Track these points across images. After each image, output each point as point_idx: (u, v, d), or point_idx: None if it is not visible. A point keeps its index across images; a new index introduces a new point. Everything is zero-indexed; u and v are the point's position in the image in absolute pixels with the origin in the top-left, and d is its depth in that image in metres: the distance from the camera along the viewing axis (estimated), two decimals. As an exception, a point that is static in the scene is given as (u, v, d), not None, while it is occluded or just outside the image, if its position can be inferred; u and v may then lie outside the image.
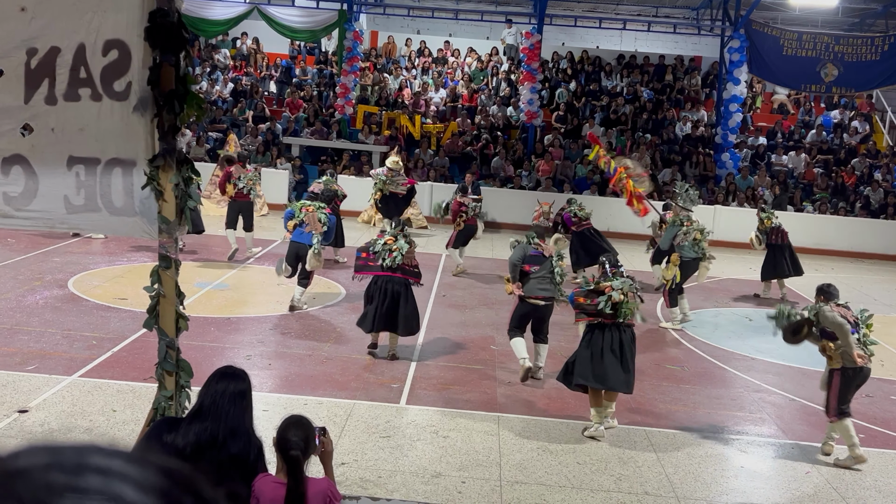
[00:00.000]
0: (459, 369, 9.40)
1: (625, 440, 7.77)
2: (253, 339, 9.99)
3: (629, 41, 27.00)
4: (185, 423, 3.94)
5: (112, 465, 0.69)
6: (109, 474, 0.68)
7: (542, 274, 9.06)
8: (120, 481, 0.67)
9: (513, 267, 9.16)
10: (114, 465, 0.69)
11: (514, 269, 9.15)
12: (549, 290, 9.06)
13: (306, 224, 11.03)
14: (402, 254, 9.26)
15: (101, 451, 0.71)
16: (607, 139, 22.93)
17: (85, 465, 0.68)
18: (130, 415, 7.31)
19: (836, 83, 22.34)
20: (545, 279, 9.06)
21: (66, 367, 8.40)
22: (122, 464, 0.69)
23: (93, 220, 4.71)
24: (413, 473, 6.69)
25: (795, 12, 24.95)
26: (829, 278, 16.96)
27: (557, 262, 9.17)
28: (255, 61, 25.71)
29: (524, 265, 9.09)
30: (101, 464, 0.69)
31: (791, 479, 7.27)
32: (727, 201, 20.89)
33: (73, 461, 0.68)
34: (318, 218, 11.05)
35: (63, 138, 4.52)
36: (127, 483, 0.67)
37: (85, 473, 0.67)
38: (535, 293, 9.02)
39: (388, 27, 26.84)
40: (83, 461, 0.69)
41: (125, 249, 14.10)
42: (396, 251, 9.26)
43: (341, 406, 7.99)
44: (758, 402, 9.18)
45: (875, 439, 8.36)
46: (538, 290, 9.03)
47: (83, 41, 4.38)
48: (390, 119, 23.08)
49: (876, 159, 23.28)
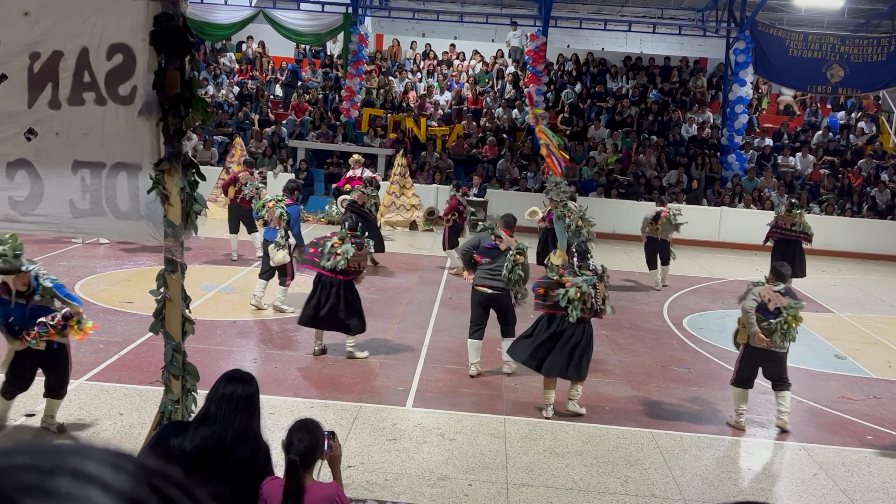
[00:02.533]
0: (465, 372, 9.38)
1: (632, 442, 7.75)
2: (259, 343, 10.00)
3: (634, 43, 26.98)
4: (192, 427, 3.94)
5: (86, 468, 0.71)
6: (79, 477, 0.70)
7: (491, 266, 9.16)
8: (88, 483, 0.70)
9: (461, 254, 9.54)
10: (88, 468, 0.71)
11: (462, 256, 9.50)
12: (497, 281, 9.11)
13: (270, 220, 11.07)
14: (346, 258, 9.15)
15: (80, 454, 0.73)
16: (613, 141, 22.92)
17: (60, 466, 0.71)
18: (137, 418, 7.32)
19: (842, 84, 22.27)
20: (494, 270, 9.13)
21: (73, 371, 8.37)
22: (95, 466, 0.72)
23: (98, 224, 4.72)
24: (419, 476, 6.68)
25: (801, 13, 24.90)
26: (836, 280, 16.94)
27: (513, 257, 9.11)
28: (260, 65, 25.76)
29: (476, 255, 9.25)
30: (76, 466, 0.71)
31: (798, 481, 7.24)
32: (733, 203, 20.85)
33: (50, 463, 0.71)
34: (277, 213, 10.99)
35: (68, 142, 4.53)
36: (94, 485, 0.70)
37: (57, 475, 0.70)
38: (482, 282, 9.18)
39: (393, 30, 26.88)
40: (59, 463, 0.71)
41: (131, 253, 14.13)
42: (341, 255, 9.17)
43: (347, 409, 7.98)
44: (764, 403, 9.14)
45: (883, 441, 8.32)
46: (484, 278, 9.17)
47: (87, 45, 4.38)
48: (396, 122, 23.09)
49: (883, 160, 23.20)
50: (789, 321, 8.03)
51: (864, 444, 8.21)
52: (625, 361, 10.31)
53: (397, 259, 15.41)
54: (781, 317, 8.02)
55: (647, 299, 13.86)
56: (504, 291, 9.14)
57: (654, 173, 21.82)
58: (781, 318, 8.02)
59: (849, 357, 11.21)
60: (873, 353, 11.64)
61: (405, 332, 10.76)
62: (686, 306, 13.41)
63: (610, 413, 8.51)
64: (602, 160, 22.13)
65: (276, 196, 11.34)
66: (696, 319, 12.47)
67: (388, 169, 20.81)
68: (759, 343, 8.04)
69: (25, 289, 6.84)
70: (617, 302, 13.24)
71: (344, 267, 9.14)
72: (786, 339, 8.10)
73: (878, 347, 11.99)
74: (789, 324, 8.02)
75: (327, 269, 9.20)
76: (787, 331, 8.05)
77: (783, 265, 8.63)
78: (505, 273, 9.05)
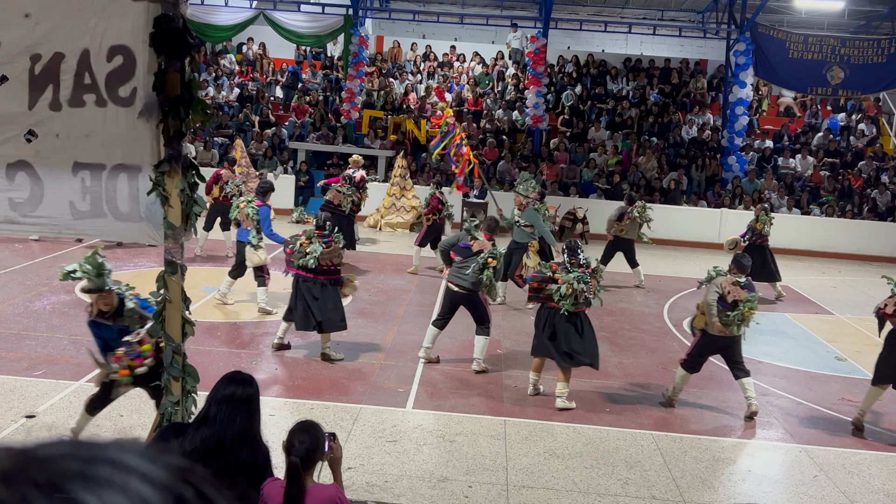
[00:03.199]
0: (465, 373, 9.38)
1: (632, 444, 7.75)
2: (259, 344, 10.00)
3: (635, 45, 26.98)
4: (192, 429, 3.94)
5: (123, 459, 0.75)
6: (119, 466, 0.73)
7: (462, 265, 9.42)
8: (127, 473, 0.73)
9: (439, 250, 10.29)
10: (125, 459, 0.75)
11: (440, 252, 10.25)
12: (464, 280, 9.37)
13: (242, 221, 11.12)
14: (315, 257, 9.23)
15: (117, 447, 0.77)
16: (613, 143, 22.92)
17: (98, 457, 0.74)
18: (137, 420, 7.32)
19: (842, 86, 22.27)
20: (463, 269, 9.38)
21: (74, 373, 8.42)
22: (133, 458, 0.75)
23: (98, 225, 4.72)
24: (419, 478, 6.68)
25: (801, 15, 24.91)
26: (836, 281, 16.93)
27: (484, 260, 9.30)
28: (261, 66, 25.76)
29: (451, 252, 9.62)
30: (114, 457, 0.75)
31: (799, 482, 7.24)
32: (734, 204, 20.84)
33: (89, 453, 0.75)
34: (247, 213, 11.00)
35: (68, 144, 4.53)
36: (133, 475, 0.73)
37: (97, 464, 0.73)
38: (452, 279, 9.52)
39: (394, 32, 26.89)
40: (97, 454, 0.75)
41: (132, 255, 14.13)
42: (310, 254, 9.25)
43: (348, 410, 7.99)
44: (765, 405, 9.14)
45: (884, 443, 8.32)
46: (454, 276, 9.50)
47: (87, 47, 4.38)
48: (396, 123, 23.10)
49: (883, 162, 23.19)
50: (745, 314, 8.38)
51: (864, 445, 8.21)
52: (625, 363, 10.31)
53: (397, 261, 15.41)
54: (738, 310, 8.34)
55: (648, 301, 13.86)
56: (471, 291, 9.40)
57: (655, 175, 21.82)
58: (738, 311, 8.33)
59: (849, 359, 11.21)
60: (873, 355, 11.55)
61: (405, 333, 10.76)
62: (687, 308, 13.38)
63: (610, 415, 8.51)
64: (602, 162, 22.13)
65: (247, 197, 11.43)
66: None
67: (388, 171, 20.82)
68: (717, 332, 8.40)
69: (108, 309, 6.51)
70: (617, 304, 13.28)
71: (314, 265, 9.23)
72: (741, 326, 8.47)
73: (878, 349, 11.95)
74: (745, 316, 8.39)
75: (298, 267, 9.34)
76: (743, 320, 8.41)
77: (745, 256, 8.86)
78: (469, 273, 9.30)
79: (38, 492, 0.70)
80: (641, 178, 21.61)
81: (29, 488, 0.70)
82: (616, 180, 21.20)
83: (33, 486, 0.70)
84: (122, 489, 0.71)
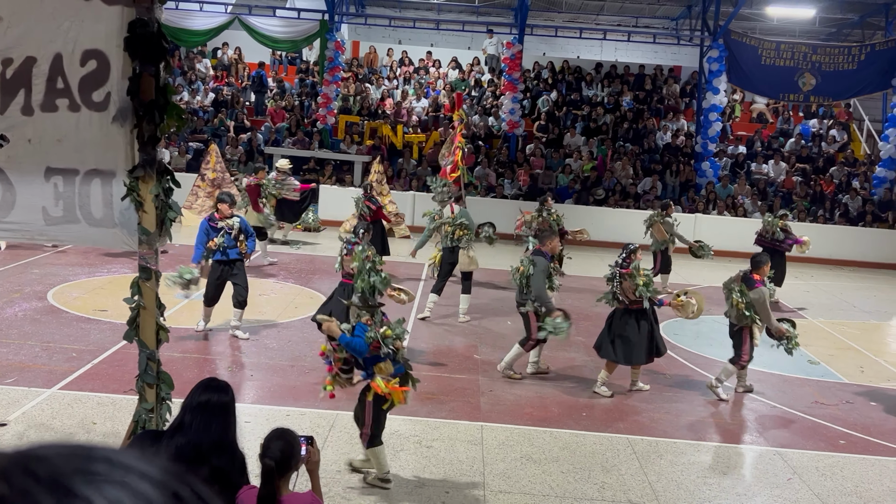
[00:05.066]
0: (442, 379, 9.38)
1: (608, 448, 7.78)
2: (235, 350, 9.94)
3: (609, 51, 27.15)
4: (167, 437, 3.91)
5: (121, 458, 0.77)
6: (117, 464, 0.75)
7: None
8: (126, 470, 0.75)
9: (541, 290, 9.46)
10: (122, 458, 0.77)
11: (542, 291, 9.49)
12: (519, 297, 9.51)
13: None
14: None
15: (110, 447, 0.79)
16: (588, 148, 23.03)
17: (96, 455, 0.76)
18: (111, 427, 7.24)
19: (813, 92, 22.55)
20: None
21: (46, 380, 8.32)
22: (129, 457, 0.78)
23: (72, 231, 4.67)
24: (396, 484, 6.67)
25: (773, 22, 25.21)
26: (808, 286, 17.11)
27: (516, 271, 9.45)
28: (236, 71, 25.65)
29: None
30: (111, 455, 0.77)
31: (773, 485, 7.30)
32: (707, 210, 21.01)
33: (86, 452, 0.77)
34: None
35: (40, 149, 4.48)
36: (132, 472, 0.75)
37: (95, 461, 0.75)
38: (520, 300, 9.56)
39: (370, 37, 26.88)
40: (95, 453, 0.77)
41: (105, 261, 14.01)
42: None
43: (324, 417, 7.95)
44: (739, 408, 9.22)
45: (855, 445, 8.41)
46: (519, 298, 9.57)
47: (60, 51, 4.34)
48: (372, 129, 23.08)
49: (854, 168, 23.49)
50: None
51: (837, 448, 8.29)
52: (601, 366, 10.34)
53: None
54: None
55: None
56: (523, 305, 9.39)
57: (630, 181, 21.96)
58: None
59: (822, 362, 11.33)
60: (846, 358, 11.77)
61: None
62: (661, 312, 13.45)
63: (586, 419, 8.54)
64: (578, 167, 22.23)
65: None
66: (671, 325, 12.54)
67: (364, 176, 20.79)
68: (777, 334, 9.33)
69: None
70: (593, 309, 13.31)
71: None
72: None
73: (850, 353, 12.13)
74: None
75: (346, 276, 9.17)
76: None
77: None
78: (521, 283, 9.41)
79: (40, 487, 0.71)
80: (617, 184, 21.74)
81: (31, 484, 0.71)
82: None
83: (35, 481, 0.71)
84: (122, 485, 0.73)
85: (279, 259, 15.31)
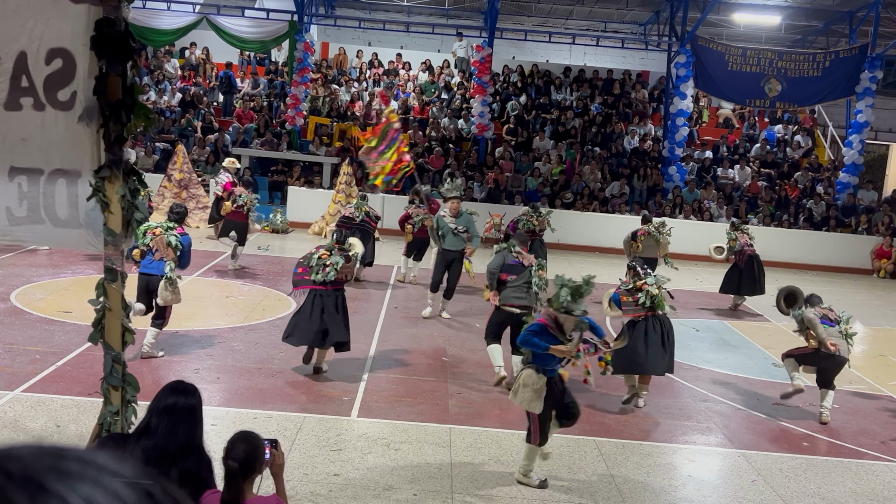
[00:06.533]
0: (411, 381, 9.37)
1: (575, 451, 7.82)
2: (201, 353, 9.85)
3: (578, 55, 27.32)
4: (133, 440, 3.87)
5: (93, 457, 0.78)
6: (90, 463, 0.76)
7: (518, 283, 9.21)
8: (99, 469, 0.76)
9: (490, 275, 9.39)
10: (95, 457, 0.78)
11: (491, 276, 9.38)
12: (525, 299, 9.18)
13: (155, 250, 9.28)
14: (335, 269, 8.97)
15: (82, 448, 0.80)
16: (557, 152, 23.16)
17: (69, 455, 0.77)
18: (75, 430, 7.15)
19: (779, 98, 22.86)
20: (521, 288, 9.21)
21: (9, 382, 8.19)
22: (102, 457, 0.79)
23: (36, 232, 4.61)
24: (364, 487, 6.65)
25: (740, 28, 25.52)
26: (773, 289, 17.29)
27: (536, 272, 9.25)
28: (203, 71, 25.46)
29: (502, 273, 9.26)
30: (84, 455, 0.78)
31: (738, 487, 7.38)
32: (674, 214, 21.21)
33: (59, 451, 0.77)
34: (168, 241, 9.26)
35: (4, 148, 4.42)
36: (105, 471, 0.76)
37: (68, 460, 0.76)
38: (510, 301, 9.20)
39: (340, 39, 26.81)
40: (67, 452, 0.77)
41: (70, 262, 13.83)
42: (331, 266, 8.98)
43: (291, 420, 7.91)
44: (705, 411, 9.31)
45: (819, 448, 8.53)
46: (513, 298, 9.19)
47: (24, 49, 4.28)
48: (342, 130, 23.01)
49: (818, 173, 23.85)
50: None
51: (800, 450, 8.40)
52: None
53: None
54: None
55: (589, 308, 13.96)
56: (527, 310, 9.09)
57: (598, 185, 22.10)
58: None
59: (786, 365, 11.45)
60: (809, 361, 11.90)
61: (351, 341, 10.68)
62: (629, 315, 13.56)
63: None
64: (547, 171, 22.34)
65: (164, 223, 9.52)
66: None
67: (333, 178, 20.73)
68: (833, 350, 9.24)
69: None
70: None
71: (334, 278, 8.99)
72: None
73: (813, 355, 12.26)
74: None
75: (315, 282, 8.99)
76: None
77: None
78: (534, 288, 9.18)
79: (14, 485, 0.71)
80: (585, 188, 21.87)
81: (4, 481, 0.71)
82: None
83: (8, 479, 0.71)
84: (95, 483, 0.73)
85: (247, 262, 15.20)
